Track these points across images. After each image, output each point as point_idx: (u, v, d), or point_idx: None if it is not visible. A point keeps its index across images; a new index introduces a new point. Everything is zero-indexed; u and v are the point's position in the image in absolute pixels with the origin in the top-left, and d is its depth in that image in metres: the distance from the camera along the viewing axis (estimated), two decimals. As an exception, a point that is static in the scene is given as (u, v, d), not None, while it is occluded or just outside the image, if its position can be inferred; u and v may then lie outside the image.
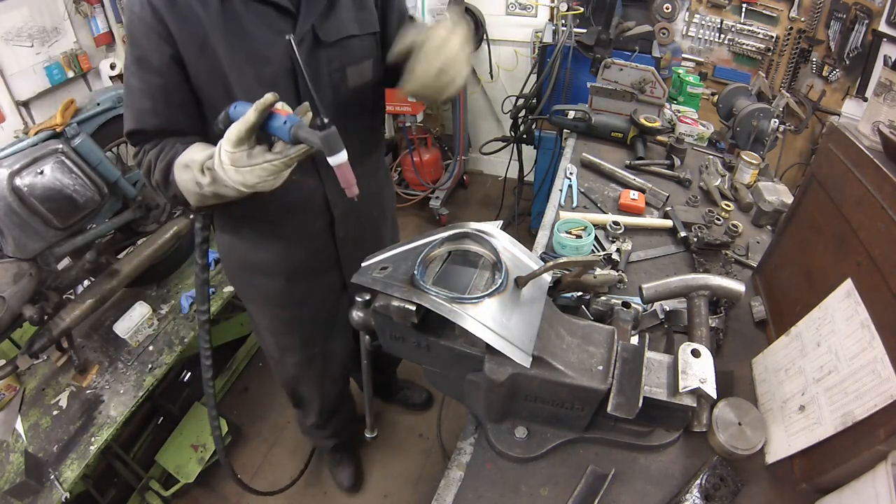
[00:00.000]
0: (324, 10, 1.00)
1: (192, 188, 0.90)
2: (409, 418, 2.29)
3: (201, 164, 0.87)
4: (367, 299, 0.84)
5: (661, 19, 2.54)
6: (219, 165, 0.83)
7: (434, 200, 3.38)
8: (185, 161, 0.90)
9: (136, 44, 0.94)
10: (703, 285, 1.02)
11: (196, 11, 0.91)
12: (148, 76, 0.95)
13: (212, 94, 0.99)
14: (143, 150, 1.01)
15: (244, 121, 0.79)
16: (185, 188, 0.92)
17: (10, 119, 2.38)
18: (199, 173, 0.87)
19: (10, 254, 1.43)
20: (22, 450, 1.56)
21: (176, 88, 0.97)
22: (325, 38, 1.02)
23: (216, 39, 0.93)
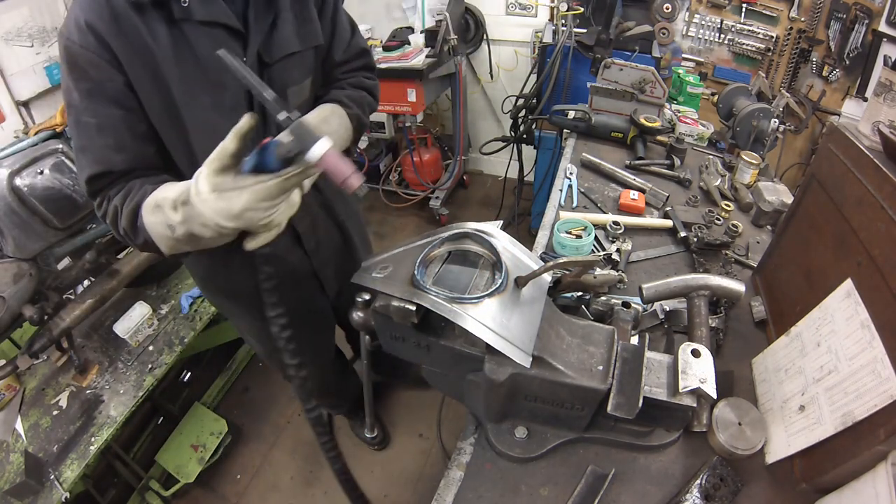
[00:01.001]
0: (268, 28, 0.94)
1: (163, 231, 0.79)
2: (410, 418, 2.29)
3: (173, 200, 0.76)
4: (367, 299, 0.84)
5: (661, 19, 2.54)
6: (195, 195, 0.71)
7: (434, 200, 3.38)
8: (155, 201, 0.79)
9: (82, 76, 0.82)
10: (703, 285, 1.02)
11: (143, 39, 0.82)
12: (104, 109, 0.84)
13: (164, 126, 0.91)
14: (105, 197, 0.88)
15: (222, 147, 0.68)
16: (156, 232, 0.80)
17: (10, 119, 2.38)
18: (172, 211, 0.76)
19: (10, 254, 1.43)
20: (22, 450, 1.56)
21: (137, 118, 0.88)
22: (269, 58, 0.95)
23: (168, 68, 0.85)
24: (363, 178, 0.66)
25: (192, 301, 1.94)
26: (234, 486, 2.10)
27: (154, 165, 0.92)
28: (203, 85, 0.89)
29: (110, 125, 0.85)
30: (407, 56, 2.90)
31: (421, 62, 2.77)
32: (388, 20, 3.39)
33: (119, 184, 0.88)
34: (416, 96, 2.85)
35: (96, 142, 0.86)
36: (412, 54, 2.89)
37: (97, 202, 0.89)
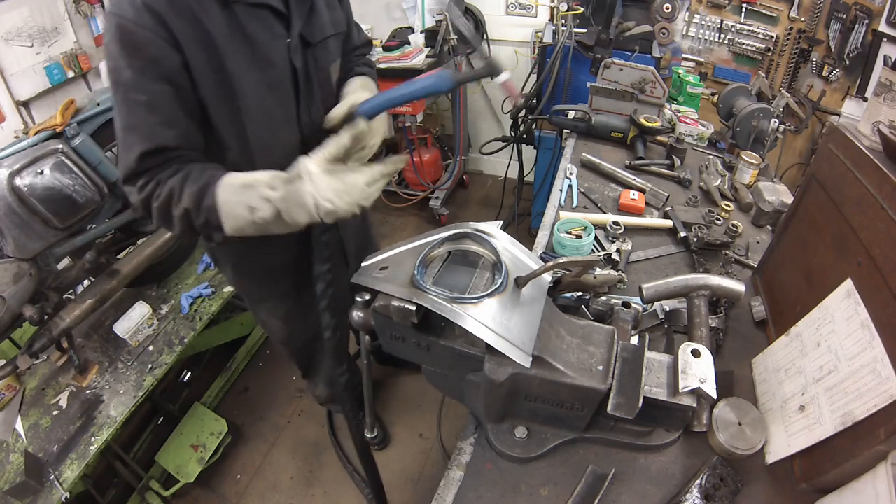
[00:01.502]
0: (307, 11, 1.02)
1: (241, 211, 0.87)
2: (409, 418, 2.29)
3: (269, 180, 0.86)
4: (367, 299, 0.84)
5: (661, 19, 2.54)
6: (306, 175, 0.84)
7: (434, 200, 3.38)
8: (242, 181, 0.87)
9: (136, 53, 0.84)
10: (703, 285, 1.02)
11: (199, 19, 0.87)
12: (156, 86, 0.86)
13: (217, 103, 0.95)
14: (154, 178, 0.89)
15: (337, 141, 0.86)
16: (232, 211, 0.87)
17: (10, 119, 2.38)
18: (268, 189, 0.85)
19: (10, 254, 1.43)
20: (22, 450, 1.55)
21: (187, 97, 0.90)
22: (311, 39, 1.03)
23: (223, 46, 0.90)
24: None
25: (192, 301, 1.94)
26: (234, 486, 2.10)
27: (198, 146, 0.96)
28: (253, 62, 0.94)
29: (162, 102, 0.87)
30: (407, 56, 2.90)
31: (421, 62, 2.77)
32: (388, 20, 3.38)
33: (171, 164, 0.90)
34: (416, 96, 2.85)
35: (147, 119, 0.87)
36: (412, 54, 2.89)
37: (141, 183, 0.89)
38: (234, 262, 1.33)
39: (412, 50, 2.94)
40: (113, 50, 0.85)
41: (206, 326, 1.92)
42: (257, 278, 1.37)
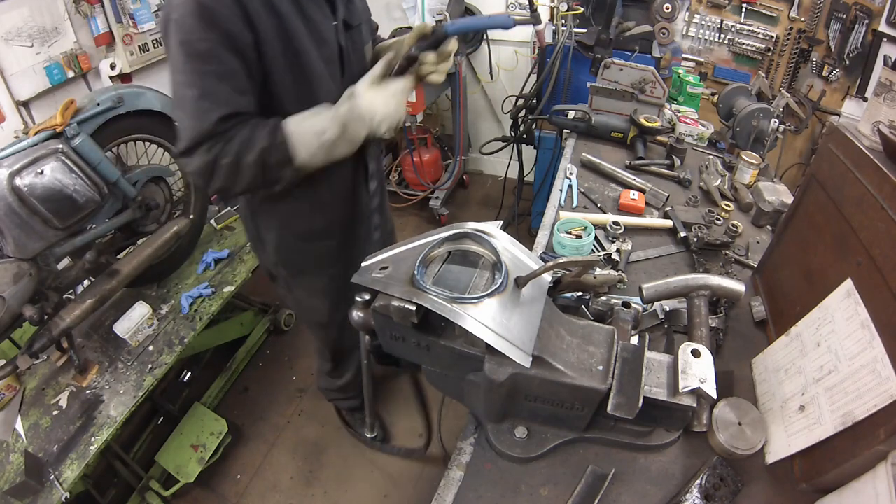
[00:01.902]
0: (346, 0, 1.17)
1: (311, 139, 1.02)
2: (409, 418, 2.29)
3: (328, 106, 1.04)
4: (367, 299, 0.84)
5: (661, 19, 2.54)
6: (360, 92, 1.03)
7: (434, 200, 3.38)
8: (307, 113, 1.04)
9: (213, 27, 0.93)
10: (703, 285, 1.02)
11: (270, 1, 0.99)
12: (229, 58, 0.96)
13: (283, 75, 1.06)
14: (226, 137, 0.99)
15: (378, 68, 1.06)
16: (303, 139, 1.02)
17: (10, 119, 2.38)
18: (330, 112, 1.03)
19: (10, 254, 1.43)
20: (22, 450, 1.55)
21: (254, 68, 1.01)
22: (352, 22, 1.19)
23: (289, 22, 1.02)
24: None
25: (192, 301, 1.94)
26: (234, 486, 2.10)
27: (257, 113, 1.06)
28: (312, 40, 1.08)
29: (233, 73, 0.98)
30: (407, 56, 2.89)
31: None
32: (388, 20, 3.38)
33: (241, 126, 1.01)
34: (415, 96, 2.85)
35: (220, 87, 0.97)
36: (412, 54, 2.88)
37: (209, 145, 0.98)
38: (279, 226, 1.37)
39: (412, 50, 2.93)
40: (189, 23, 0.92)
41: (206, 326, 1.92)
42: (301, 247, 1.42)
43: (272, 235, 1.40)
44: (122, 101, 1.68)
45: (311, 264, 1.48)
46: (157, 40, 3.01)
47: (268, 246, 1.44)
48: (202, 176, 1.02)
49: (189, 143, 0.99)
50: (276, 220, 1.37)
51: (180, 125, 0.99)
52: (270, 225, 1.38)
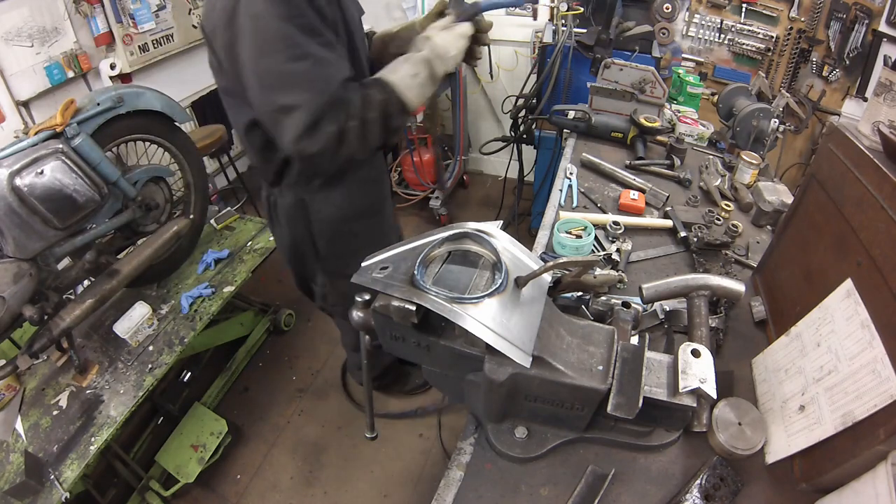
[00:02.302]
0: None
1: (409, 81, 1.11)
2: (410, 418, 2.29)
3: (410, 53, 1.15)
4: (367, 299, 0.84)
5: (661, 19, 2.54)
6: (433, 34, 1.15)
7: (434, 200, 3.38)
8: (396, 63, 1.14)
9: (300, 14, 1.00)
10: (703, 285, 1.02)
11: None
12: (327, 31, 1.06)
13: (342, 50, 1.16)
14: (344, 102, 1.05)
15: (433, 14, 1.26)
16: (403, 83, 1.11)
17: (10, 119, 2.38)
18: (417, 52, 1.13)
19: (10, 254, 1.43)
20: (22, 450, 1.55)
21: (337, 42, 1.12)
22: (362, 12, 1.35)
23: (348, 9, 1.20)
24: None
25: (192, 301, 1.94)
26: (234, 486, 2.10)
27: None
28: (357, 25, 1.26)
29: (333, 44, 1.08)
30: (407, 56, 2.89)
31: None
32: (388, 20, 3.38)
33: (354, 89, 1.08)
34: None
35: (331, 55, 1.05)
36: (412, 54, 2.89)
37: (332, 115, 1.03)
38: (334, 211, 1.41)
39: (412, 50, 2.93)
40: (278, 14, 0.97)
41: (206, 326, 1.92)
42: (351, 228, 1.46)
43: (325, 224, 1.42)
44: (122, 101, 1.68)
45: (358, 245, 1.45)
46: (156, 40, 3.02)
47: (318, 238, 1.44)
48: (332, 146, 1.05)
49: (313, 117, 1.00)
50: (330, 206, 1.39)
51: (296, 104, 1.00)
52: (325, 212, 1.40)
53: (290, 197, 1.37)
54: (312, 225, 1.42)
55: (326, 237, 1.45)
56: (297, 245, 1.50)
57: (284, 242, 1.53)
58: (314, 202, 1.38)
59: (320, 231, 1.44)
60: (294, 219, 1.41)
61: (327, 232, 1.44)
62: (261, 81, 1.03)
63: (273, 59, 0.99)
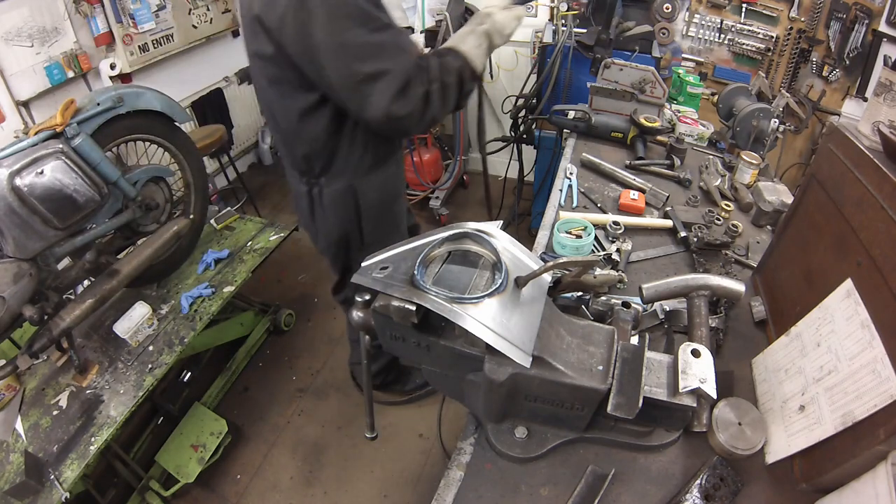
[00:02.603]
0: None
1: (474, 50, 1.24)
2: (410, 418, 2.29)
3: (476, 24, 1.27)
4: (367, 299, 0.84)
5: (661, 19, 2.54)
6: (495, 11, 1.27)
7: (434, 200, 3.38)
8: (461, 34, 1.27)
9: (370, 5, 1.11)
10: (703, 285, 1.02)
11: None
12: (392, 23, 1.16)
13: None
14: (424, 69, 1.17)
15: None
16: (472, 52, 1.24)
17: (10, 119, 2.38)
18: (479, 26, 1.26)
19: (10, 254, 1.43)
20: (22, 450, 1.55)
21: None
22: None
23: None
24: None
25: (192, 301, 1.94)
26: (234, 486, 2.10)
27: None
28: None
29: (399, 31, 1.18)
30: (407, 56, 2.89)
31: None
32: (388, 20, 3.38)
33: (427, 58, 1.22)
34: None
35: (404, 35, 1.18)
36: (412, 54, 2.88)
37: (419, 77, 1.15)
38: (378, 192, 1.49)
39: (412, 50, 2.93)
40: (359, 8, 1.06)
41: (206, 326, 1.92)
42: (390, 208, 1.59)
43: (371, 209, 1.49)
44: (122, 101, 1.68)
45: (395, 225, 1.63)
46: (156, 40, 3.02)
47: (365, 223, 1.51)
48: (419, 108, 1.15)
49: (403, 80, 1.11)
50: (375, 190, 1.47)
51: (386, 69, 1.09)
52: (370, 196, 1.47)
53: (339, 184, 1.40)
54: (361, 210, 1.47)
55: (372, 221, 1.51)
56: (345, 233, 1.52)
57: (331, 233, 1.52)
58: (361, 186, 1.43)
59: (367, 216, 1.49)
60: (344, 206, 1.45)
61: (373, 216, 1.50)
62: (344, 55, 1.08)
63: (355, 32, 1.06)
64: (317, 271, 3.18)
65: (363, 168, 1.40)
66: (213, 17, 3.43)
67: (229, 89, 3.75)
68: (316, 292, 3.02)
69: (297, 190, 1.49)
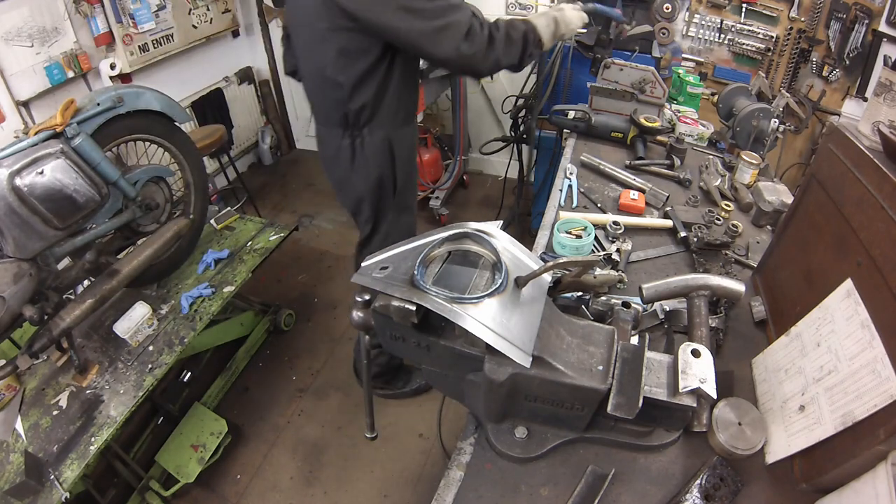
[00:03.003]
0: None
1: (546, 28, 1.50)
2: (410, 418, 2.29)
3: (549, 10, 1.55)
4: (367, 299, 0.84)
5: (661, 19, 2.54)
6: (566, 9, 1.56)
7: (434, 200, 3.38)
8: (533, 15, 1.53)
9: None
10: (703, 285, 1.02)
11: None
12: None
13: None
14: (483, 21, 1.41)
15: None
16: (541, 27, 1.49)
17: (10, 119, 2.38)
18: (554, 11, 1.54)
19: (10, 254, 1.43)
20: (22, 450, 1.55)
21: None
22: None
23: None
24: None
25: (192, 301, 1.94)
26: (234, 486, 2.10)
27: None
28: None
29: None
30: (407, 56, 2.89)
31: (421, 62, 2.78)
32: (388, 20, 3.37)
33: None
34: (415, 96, 2.85)
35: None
36: (412, 54, 2.88)
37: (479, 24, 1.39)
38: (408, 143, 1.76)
39: (412, 50, 2.93)
40: None
41: (206, 326, 1.92)
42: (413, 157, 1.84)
43: (403, 159, 1.74)
44: (122, 101, 1.68)
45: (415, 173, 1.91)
46: (156, 40, 3.02)
47: (399, 172, 1.76)
48: (483, 48, 1.39)
49: (467, 27, 1.35)
50: (405, 142, 1.73)
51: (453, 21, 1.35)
52: (402, 148, 1.72)
53: (378, 135, 1.65)
54: (395, 157, 1.72)
55: (403, 167, 1.76)
56: (381, 181, 1.75)
57: (370, 177, 1.73)
58: (395, 137, 1.69)
59: (400, 162, 1.74)
60: (382, 153, 1.69)
61: (404, 162, 1.75)
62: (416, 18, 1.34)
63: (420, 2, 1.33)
64: (317, 271, 3.18)
65: (398, 122, 1.67)
66: (213, 17, 3.43)
67: (229, 89, 3.75)
68: (316, 292, 3.02)
69: (337, 145, 1.69)
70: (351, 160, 1.70)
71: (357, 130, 1.65)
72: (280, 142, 4.41)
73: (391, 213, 1.84)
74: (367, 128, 1.63)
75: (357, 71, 1.51)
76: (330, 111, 1.65)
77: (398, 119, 1.67)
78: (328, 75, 1.53)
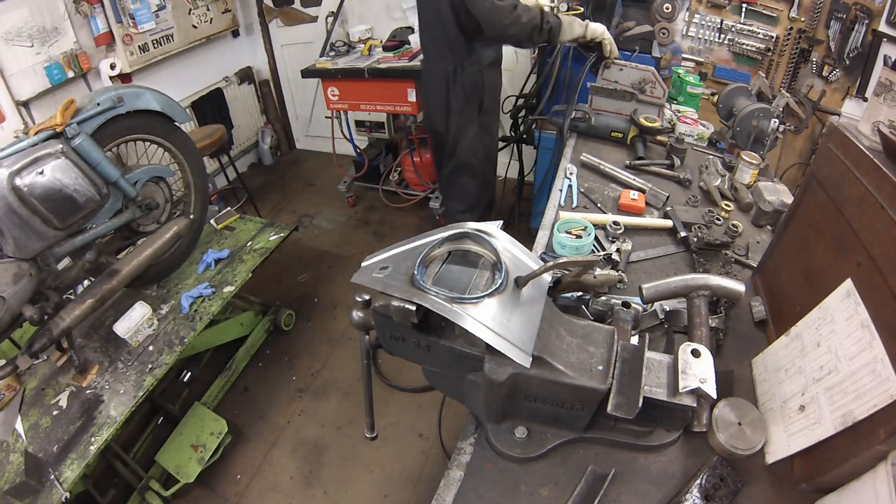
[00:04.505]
0: None
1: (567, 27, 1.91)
2: (410, 418, 2.29)
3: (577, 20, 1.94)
4: (367, 299, 0.84)
5: (661, 19, 2.54)
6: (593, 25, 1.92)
7: (434, 200, 3.38)
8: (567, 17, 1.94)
9: None
10: (703, 285, 1.02)
11: None
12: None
13: None
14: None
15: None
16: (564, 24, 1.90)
17: (10, 119, 2.38)
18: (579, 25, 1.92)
19: (10, 254, 1.43)
20: (22, 450, 1.56)
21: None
22: None
23: None
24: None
25: (192, 301, 1.94)
26: (234, 486, 2.10)
27: None
28: None
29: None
30: (407, 56, 2.90)
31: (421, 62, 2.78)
32: (388, 20, 3.39)
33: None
34: (416, 96, 2.85)
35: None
36: (412, 54, 2.89)
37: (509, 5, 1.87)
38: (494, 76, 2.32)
39: (412, 50, 2.94)
40: None
41: (206, 326, 1.92)
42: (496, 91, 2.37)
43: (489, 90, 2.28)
44: (122, 101, 1.68)
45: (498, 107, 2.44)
46: (156, 40, 3.02)
47: (487, 97, 2.29)
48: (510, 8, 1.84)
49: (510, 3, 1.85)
50: (491, 78, 2.28)
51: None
52: (490, 81, 2.27)
53: (474, 69, 2.19)
54: (485, 90, 2.27)
55: (490, 98, 2.32)
56: (470, 99, 2.27)
57: (461, 98, 2.25)
58: (485, 74, 2.23)
59: (487, 94, 2.28)
60: (476, 84, 2.23)
61: (490, 93, 2.30)
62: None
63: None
64: (317, 271, 3.18)
65: (488, 61, 2.20)
66: (213, 17, 3.43)
67: (229, 89, 3.75)
68: (316, 292, 3.02)
69: (443, 70, 2.22)
70: (452, 83, 2.23)
71: (460, 60, 2.17)
72: (280, 142, 4.42)
73: (474, 127, 2.33)
74: (467, 62, 2.17)
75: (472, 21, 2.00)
76: (441, 47, 2.16)
77: (488, 60, 2.20)
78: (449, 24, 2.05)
